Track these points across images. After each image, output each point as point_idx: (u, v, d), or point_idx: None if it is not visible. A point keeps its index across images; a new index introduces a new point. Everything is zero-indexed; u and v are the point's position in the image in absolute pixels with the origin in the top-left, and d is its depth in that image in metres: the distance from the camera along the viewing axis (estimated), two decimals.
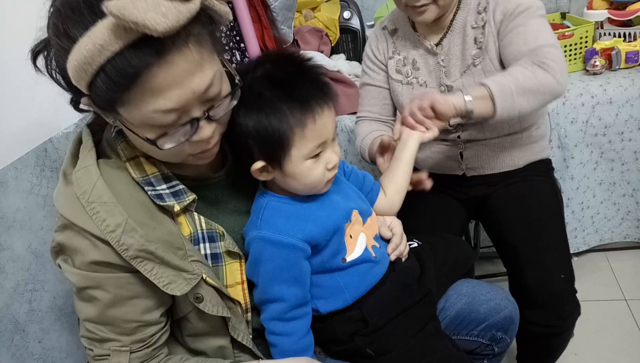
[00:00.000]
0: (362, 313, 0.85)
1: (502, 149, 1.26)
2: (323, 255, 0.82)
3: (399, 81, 1.28)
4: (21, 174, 1.08)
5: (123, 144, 0.75)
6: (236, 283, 0.80)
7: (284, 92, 0.74)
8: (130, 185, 0.73)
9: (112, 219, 0.68)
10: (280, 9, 1.66)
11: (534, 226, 1.19)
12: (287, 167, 0.78)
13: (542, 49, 1.05)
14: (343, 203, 0.85)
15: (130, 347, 0.73)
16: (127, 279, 0.72)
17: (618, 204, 1.78)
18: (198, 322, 0.78)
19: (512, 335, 1.04)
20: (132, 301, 0.72)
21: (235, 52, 1.55)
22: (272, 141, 0.75)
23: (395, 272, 0.90)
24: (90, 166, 0.71)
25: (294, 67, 0.78)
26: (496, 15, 1.15)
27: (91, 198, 0.68)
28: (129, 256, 0.68)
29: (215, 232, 0.78)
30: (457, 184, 1.33)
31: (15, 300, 1.04)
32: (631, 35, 1.71)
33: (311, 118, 0.75)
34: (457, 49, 1.21)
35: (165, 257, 0.70)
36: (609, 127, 1.63)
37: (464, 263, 1.09)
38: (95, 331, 0.73)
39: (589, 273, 1.80)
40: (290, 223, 0.79)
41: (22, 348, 1.05)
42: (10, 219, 1.04)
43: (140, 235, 0.68)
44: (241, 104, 0.73)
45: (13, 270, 1.04)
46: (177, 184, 0.75)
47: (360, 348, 0.85)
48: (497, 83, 1.01)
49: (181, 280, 0.72)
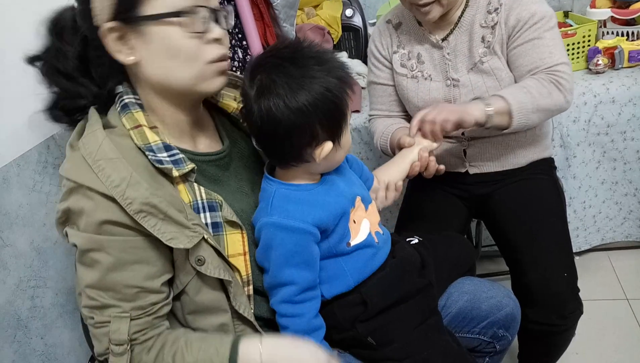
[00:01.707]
0: (362, 296, 0.86)
1: (505, 147, 1.26)
2: (330, 239, 0.84)
3: (404, 75, 1.28)
4: (23, 171, 1.08)
5: (128, 115, 0.78)
6: (238, 254, 0.80)
7: (321, 66, 0.76)
8: (133, 150, 0.75)
9: (117, 174, 0.70)
10: (282, 6, 1.65)
11: (536, 224, 1.19)
12: (343, 138, 0.82)
13: (558, 68, 1.11)
14: (347, 189, 0.87)
15: (130, 313, 0.74)
16: (131, 242, 0.73)
17: (620, 203, 1.77)
18: (197, 294, 0.78)
19: (513, 332, 1.04)
20: (134, 266, 0.73)
21: (237, 50, 1.55)
22: (337, 113, 0.78)
23: (395, 259, 0.92)
24: (96, 130, 0.75)
25: (300, 47, 0.79)
26: (509, 19, 1.15)
27: (97, 156, 0.71)
28: (133, 211, 0.70)
29: (215, 202, 0.79)
30: (459, 181, 1.33)
31: (18, 297, 1.04)
32: (634, 34, 1.70)
33: (351, 83, 0.79)
34: (463, 45, 1.21)
35: (168, 212, 0.72)
36: (612, 126, 1.63)
37: (465, 261, 1.09)
38: (96, 297, 0.74)
39: (591, 273, 1.80)
40: (300, 208, 0.81)
41: (25, 344, 1.05)
42: (13, 215, 1.04)
43: (144, 188, 0.71)
44: (285, 93, 0.75)
45: (15, 267, 1.04)
46: (177, 154, 0.77)
47: (361, 337, 0.86)
48: (517, 101, 1.07)
49: (183, 237, 0.73)
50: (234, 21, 1.53)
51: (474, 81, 1.19)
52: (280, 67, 0.75)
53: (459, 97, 1.22)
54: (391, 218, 1.86)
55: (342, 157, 0.86)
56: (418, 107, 1.25)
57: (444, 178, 1.07)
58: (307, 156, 0.80)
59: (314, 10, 2.04)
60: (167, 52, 0.74)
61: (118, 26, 0.73)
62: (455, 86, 1.21)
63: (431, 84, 1.24)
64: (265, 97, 0.75)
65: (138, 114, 0.78)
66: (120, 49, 0.75)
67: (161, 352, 0.76)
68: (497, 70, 1.17)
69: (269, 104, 0.74)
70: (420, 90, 1.25)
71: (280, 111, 0.74)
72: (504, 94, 1.08)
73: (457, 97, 1.22)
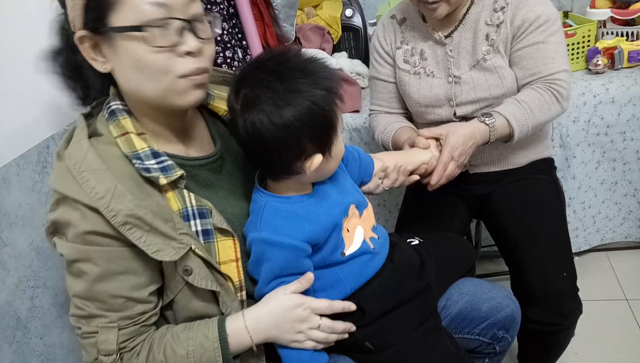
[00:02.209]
0: (360, 303, 0.85)
1: (506, 147, 1.26)
2: (323, 251, 0.83)
3: (407, 71, 1.28)
4: (23, 170, 1.08)
5: (115, 123, 0.77)
6: (230, 260, 0.80)
7: (307, 79, 0.74)
8: (120, 159, 0.74)
9: (101, 185, 0.70)
10: (282, 6, 1.65)
11: (536, 224, 1.20)
12: (334, 149, 0.79)
13: (558, 76, 1.14)
14: (340, 198, 0.85)
15: (118, 323, 0.74)
16: (118, 253, 0.72)
17: (620, 203, 1.77)
18: (188, 302, 0.78)
19: (513, 333, 1.04)
20: (121, 276, 0.73)
21: (237, 50, 1.55)
22: (325, 125, 0.76)
23: (393, 263, 0.91)
24: (81, 141, 0.74)
25: (285, 59, 0.77)
26: (515, 19, 1.15)
27: (82, 167, 0.71)
28: (117, 223, 0.69)
29: (205, 209, 0.78)
30: (459, 181, 1.32)
31: (17, 297, 1.04)
32: (634, 35, 1.70)
33: (339, 93, 0.77)
34: (467, 43, 1.21)
35: (154, 224, 0.71)
36: (611, 126, 1.63)
37: (465, 261, 1.09)
38: (83, 307, 0.74)
39: (590, 273, 1.80)
40: (290, 223, 0.80)
41: (24, 344, 1.05)
42: (13, 215, 1.04)
43: (129, 200, 0.70)
44: (269, 109, 0.72)
45: (15, 267, 1.04)
46: (165, 160, 0.76)
47: (359, 341, 0.86)
48: (520, 123, 1.12)
49: (169, 249, 0.72)
50: (234, 21, 1.54)
51: (476, 78, 1.19)
52: (264, 81, 0.73)
53: (460, 94, 1.22)
54: (391, 218, 1.86)
55: (334, 166, 0.84)
56: (419, 104, 1.26)
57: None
58: (298, 169, 0.78)
59: (313, 10, 2.04)
60: (134, 65, 0.72)
61: (89, 35, 0.72)
62: (457, 83, 1.21)
63: (433, 80, 1.24)
64: (250, 112, 0.73)
65: (125, 121, 0.77)
66: (95, 57, 0.74)
67: (151, 352, 0.76)
68: (500, 68, 1.17)
69: (254, 119, 0.73)
70: (422, 86, 1.25)
71: (265, 127, 0.72)
72: (508, 117, 1.11)
73: (458, 94, 1.22)
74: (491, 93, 1.19)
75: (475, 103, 1.21)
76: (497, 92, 1.19)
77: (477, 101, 1.20)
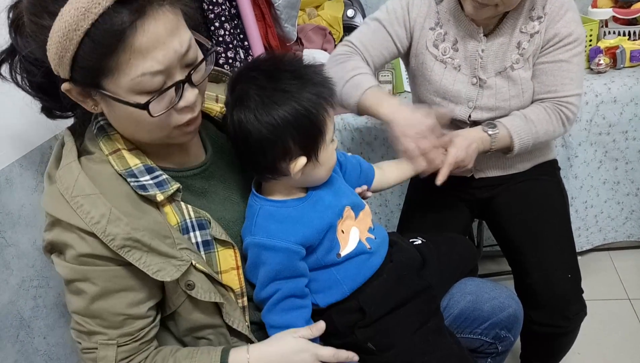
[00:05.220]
0: (359, 304, 0.85)
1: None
2: (317, 253, 0.84)
3: (434, 56, 1.21)
4: (26, 171, 1.08)
5: (105, 139, 0.76)
6: (231, 268, 0.80)
7: (296, 81, 0.75)
8: (113, 178, 0.73)
9: (96, 210, 0.69)
10: (284, 7, 1.65)
11: (539, 226, 1.19)
12: (321, 155, 0.79)
13: (570, 100, 1.15)
14: (335, 201, 0.86)
15: (117, 340, 0.74)
16: (116, 272, 0.72)
17: (622, 203, 1.77)
18: (190, 314, 0.78)
19: (516, 333, 1.04)
20: (120, 294, 0.73)
21: (239, 50, 1.55)
22: (311, 129, 0.76)
23: (392, 263, 0.91)
24: (71, 163, 0.73)
25: (280, 61, 0.79)
26: (549, 31, 1.13)
27: (74, 192, 0.70)
28: (115, 246, 0.69)
29: (204, 220, 0.78)
30: (463, 185, 1.32)
31: (21, 297, 1.04)
32: (636, 34, 1.70)
33: (330, 100, 0.77)
34: (499, 48, 1.17)
35: (152, 244, 0.71)
36: (613, 126, 1.63)
37: (468, 261, 1.09)
38: (83, 323, 0.74)
39: (593, 273, 1.80)
40: (284, 227, 0.80)
41: (27, 344, 1.05)
42: (16, 216, 1.04)
43: (125, 224, 0.69)
44: (256, 106, 0.74)
45: (18, 267, 1.04)
46: (160, 175, 0.76)
47: (361, 342, 0.86)
48: (521, 140, 1.13)
49: (170, 267, 0.72)
50: (236, 22, 1.54)
51: (499, 86, 1.17)
52: (255, 80, 0.75)
53: (480, 98, 1.19)
54: (393, 218, 1.86)
55: (324, 175, 0.83)
56: (437, 93, 1.22)
57: (448, 182, 1.07)
58: (283, 170, 0.79)
59: (315, 10, 2.04)
60: (130, 121, 0.71)
61: (79, 88, 0.68)
62: (481, 86, 1.19)
63: (458, 75, 1.20)
64: (238, 108, 0.75)
65: (115, 137, 0.76)
66: (85, 101, 0.71)
67: None
68: (524, 80, 1.16)
69: (240, 116, 0.75)
70: (446, 77, 1.21)
71: (250, 123, 0.74)
72: (511, 133, 1.12)
73: (478, 98, 1.19)
74: (510, 104, 1.18)
75: (493, 111, 1.19)
76: (516, 104, 1.18)
77: (495, 109, 1.19)
